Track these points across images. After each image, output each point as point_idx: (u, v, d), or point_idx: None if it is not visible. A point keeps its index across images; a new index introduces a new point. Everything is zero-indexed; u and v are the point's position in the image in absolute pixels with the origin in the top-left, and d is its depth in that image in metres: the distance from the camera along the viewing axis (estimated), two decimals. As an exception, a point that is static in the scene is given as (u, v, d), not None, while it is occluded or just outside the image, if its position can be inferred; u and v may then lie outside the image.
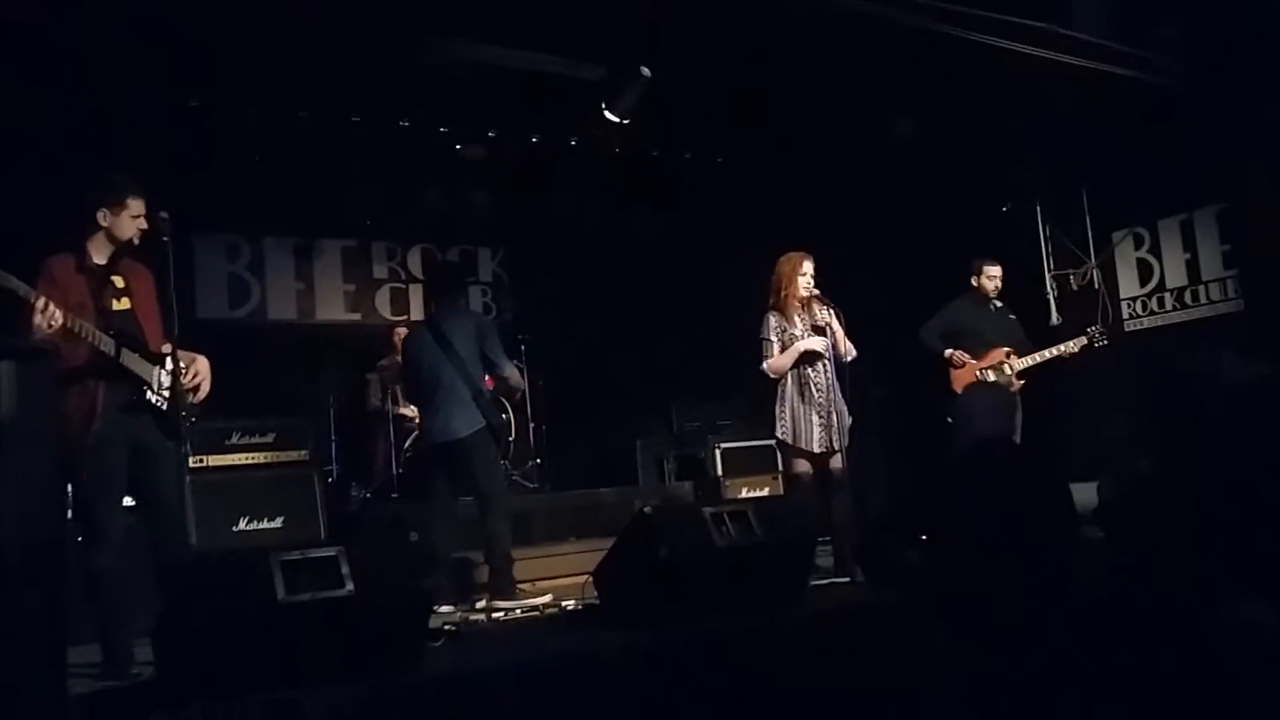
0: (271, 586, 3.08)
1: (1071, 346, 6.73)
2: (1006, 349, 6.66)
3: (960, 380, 6.63)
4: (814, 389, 5.65)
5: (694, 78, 7.17)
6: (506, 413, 6.04)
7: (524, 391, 6.17)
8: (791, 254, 5.81)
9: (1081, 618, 3.92)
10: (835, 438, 5.58)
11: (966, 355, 6.60)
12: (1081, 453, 7.43)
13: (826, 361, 5.61)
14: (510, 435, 6.06)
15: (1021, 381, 6.68)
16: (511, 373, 6.05)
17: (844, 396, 5.69)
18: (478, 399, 5.79)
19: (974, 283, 6.82)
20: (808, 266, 5.72)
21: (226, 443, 6.40)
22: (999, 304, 6.87)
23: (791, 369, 5.67)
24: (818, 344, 5.61)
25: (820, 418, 5.64)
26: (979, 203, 8.73)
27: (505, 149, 8.47)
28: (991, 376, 6.61)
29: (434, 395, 5.81)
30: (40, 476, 3.00)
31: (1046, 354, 6.71)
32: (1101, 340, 6.76)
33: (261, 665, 2.98)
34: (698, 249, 9.46)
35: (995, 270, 6.82)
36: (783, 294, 5.74)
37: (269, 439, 6.54)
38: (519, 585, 5.57)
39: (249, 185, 8.18)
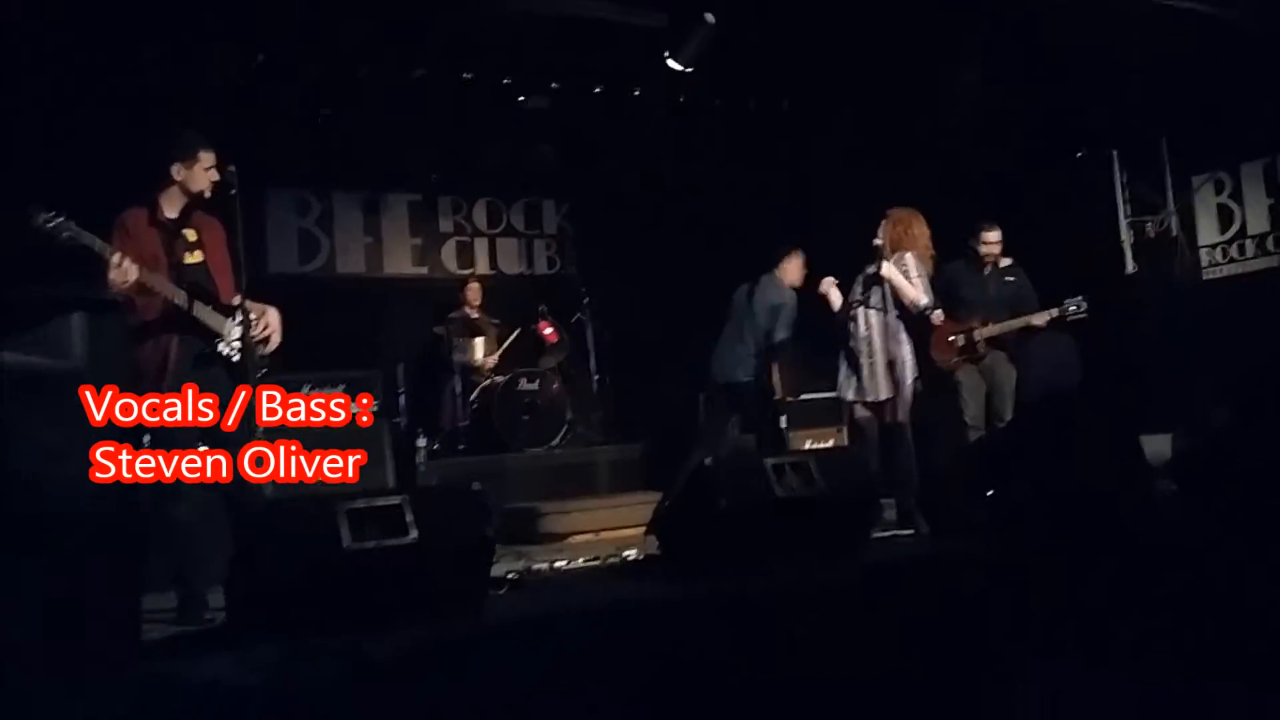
0: (337, 534, 3.14)
1: (1042, 318, 6.32)
2: (982, 317, 6.35)
3: (935, 345, 6.29)
4: (849, 339, 5.73)
5: (758, 24, 7.05)
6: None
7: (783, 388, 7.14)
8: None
9: (1153, 570, 3.86)
10: (872, 388, 5.58)
11: (940, 317, 6.09)
12: (1157, 404, 7.25)
13: (873, 310, 5.58)
14: (777, 395, 7.03)
15: (993, 350, 6.34)
16: (778, 360, 6.86)
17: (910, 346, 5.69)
18: (758, 358, 6.72)
19: (973, 245, 6.52)
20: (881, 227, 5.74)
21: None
22: (1005, 264, 6.56)
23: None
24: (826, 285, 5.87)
25: (853, 368, 5.67)
26: (1053, 149, 8.52)
27: (569, 100, 8.43)
28: (961, 342, 6.41)
29: (731, 340, 6.81)
30: (116, 427, 3.07)
31: (1016, 323, 6.33)
32: (1079, 314, 6.28)
33: (328, 611, 3.05)
34: (763, 199, 9.36)
35: (993, 235, 6.50)
36: None
37: (339, 391, 6.63)
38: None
39: (316, 141, 8.26)
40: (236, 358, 4.31)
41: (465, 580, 3.39)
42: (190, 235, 4.36)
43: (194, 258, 4.34)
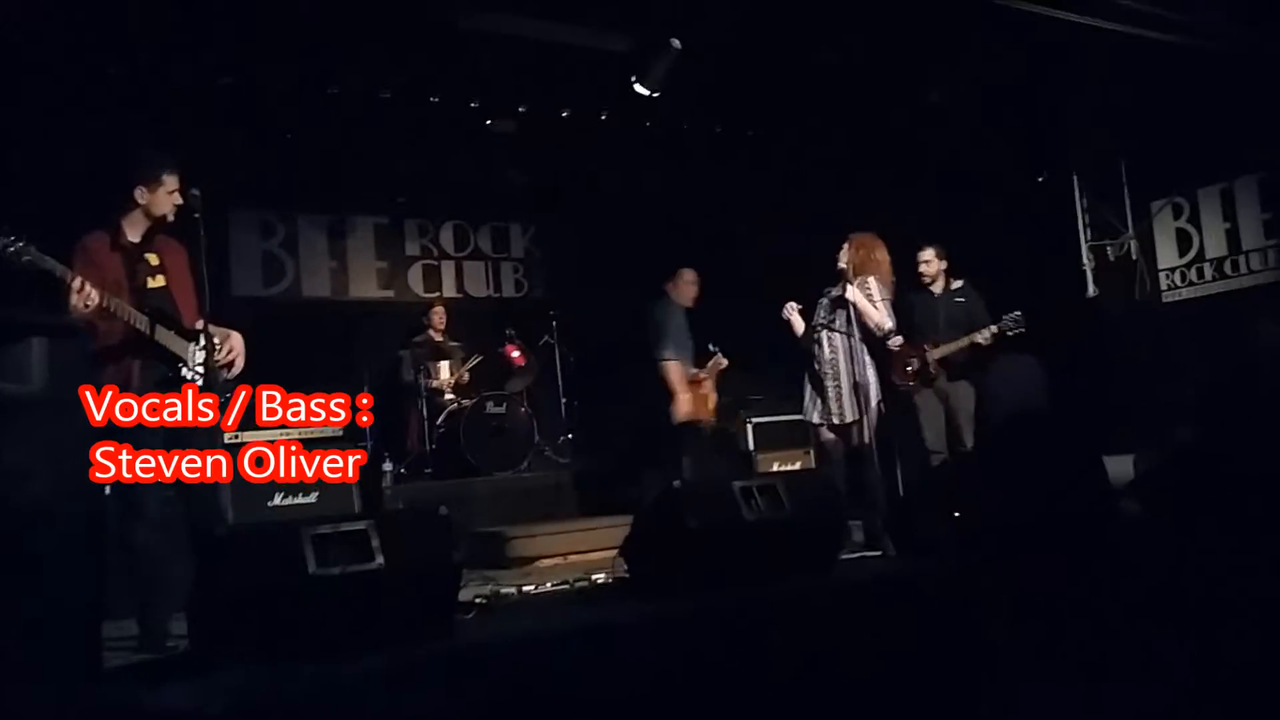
0: (303, 560, 3.11)
1: (984, 335, 6.42)
2: (933, 339, 6.46)
3: (893, 369, 6.36)
4: (814, 362, 5.78)
5: (724, 49, 7.10)
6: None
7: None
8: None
9: (1117, 590, 3.89)
10: (837, 410, 5.63)
11: (899, 343, 6.09)
12: (1118, 426, 7.33)
13: (837, 334, 5.66)
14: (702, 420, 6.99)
15: (946, 372, 6.46)
16: (663, 367, 6.79)
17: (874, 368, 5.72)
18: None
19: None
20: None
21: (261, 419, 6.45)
22: (956, 285, 6.67)
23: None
24: (789, 310, 5.89)
25: (819, 391, 5.73)
26: (1015, 174, 8.61)
27: (536, 124, 8.44)
28: (916, 366, 6.45)
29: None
30: (76, 451, 3.03)
31: (962, 342, 6.43)
32: (1018, 328, 6.37)
33: (292, 638, 3.01)
34: (730, 223, 9.41)
35: (926, 255, 6.62)
36: None
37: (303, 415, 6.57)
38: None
39: (281, 164, 8.24)
40: (200, 383, 4.27)
41: (432, 605, 3.36)
42: (152, 259, 4.32)
43: (156, 282, 4.30)
